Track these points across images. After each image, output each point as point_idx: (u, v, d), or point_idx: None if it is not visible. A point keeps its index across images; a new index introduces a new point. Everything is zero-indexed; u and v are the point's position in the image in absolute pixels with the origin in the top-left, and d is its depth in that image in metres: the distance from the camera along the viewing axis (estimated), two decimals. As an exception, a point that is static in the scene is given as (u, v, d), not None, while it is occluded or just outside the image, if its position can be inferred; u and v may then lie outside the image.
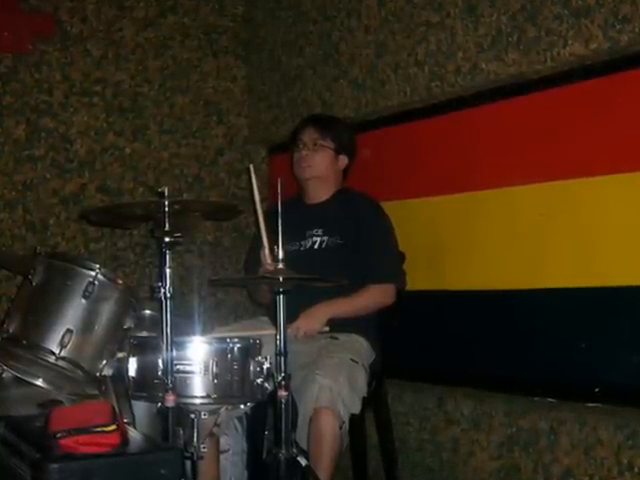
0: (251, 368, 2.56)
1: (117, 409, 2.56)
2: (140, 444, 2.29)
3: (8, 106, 3.88)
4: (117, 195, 4.08)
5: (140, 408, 2.90)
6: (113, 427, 2.17)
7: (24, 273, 2.98)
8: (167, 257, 2.51)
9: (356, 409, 2.92)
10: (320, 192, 3.36)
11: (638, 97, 2.81)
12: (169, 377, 2.43)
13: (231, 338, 2.62)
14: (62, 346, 2.76)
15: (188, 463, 2.47)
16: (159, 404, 2.48)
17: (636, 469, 2.77)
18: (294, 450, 2.59)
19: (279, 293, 2.60)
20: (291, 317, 2.81)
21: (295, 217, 3.02)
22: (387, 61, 3.60)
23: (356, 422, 2.97)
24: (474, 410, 3.29)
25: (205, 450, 2.54)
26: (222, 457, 3.09)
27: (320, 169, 3.32)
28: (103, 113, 4.07)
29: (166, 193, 2.51)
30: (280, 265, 2.59)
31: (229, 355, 2.54)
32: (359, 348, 3.12)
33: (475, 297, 3.34)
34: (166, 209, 2.50)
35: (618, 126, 2.87)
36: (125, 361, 2.62)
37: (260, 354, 2.60)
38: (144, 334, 3.00)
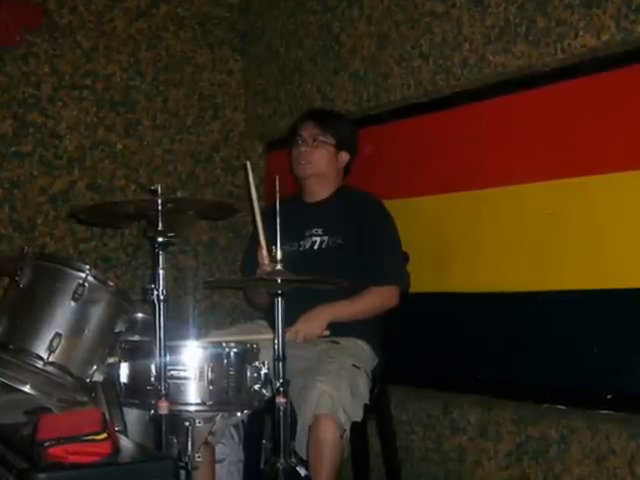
0: (248, 374, 2.56)
1: (108, 416, 2.56)
2: (132, 453, 2.28)
3: (-6, 100, 3.89)
4: (108, 193, 4.08)
5: (132, 415, 2.90)
6: (104, 435, 2.16)
7: (11, 274, 2.98)
8: (160, 258, 2.51)
9: (358, 417, 2.92)
10: (320, 190, 3.36)
11: (652, 90, 2.82)
12: (162, 383, 2.43)
13: (227, 342, 2.62)
14: (51, 351, 2.76)
15: (182, 473, 2.47)
16: (152, 411, 2.48)
17: (650, 479, 2.78)
18: (293, 459, 2.59)
19: (277, 295, 2.60)
20: (290, 320, 2.81)
21: (294, 216, 3.03)
22: (390, 53, 3.60)
23: (358, 430, 2.97)
24: (481, 418, 3.29)
25: (200, 459, 2.54)
26: (218, 467, 3.09)
27: (320, 166, 3.32)
28: (93, 107, 4.07)
29: (159, 191, 2.51)
30: (278, 266, 2.59)
31: (225, 360, 2.54)
32: (361, 353, 3.12)
33: (482, 299, 3.34)
34: (159, 208, 2.50)
35: (631, 121, 2.87)
36: (116, 366, 2.62)
37: (257, 359, 2.61)
38: (136, 338, 3.00)
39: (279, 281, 2.58)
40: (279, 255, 2.59)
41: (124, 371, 2.58)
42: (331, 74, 3.90)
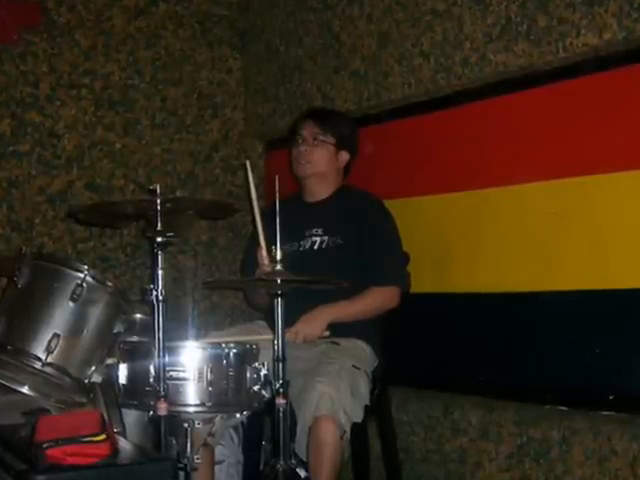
0: (247, 375, 2.56)
1: (106, 418, 2.56)
2: (131, 455, 2.29)
3: (-8, 99, 3.89)
4: (106, 193, 4.08)
5: (131, 417, 2.91)
6: (102, 437, 2.16)
7: (9, 275, 2.98)
8: (159, 258, 2.51)
9: (358, 418, 2.92)
10: (320, 190, 3.36)
11: (655, 90, 2.82)
12: (161, 384, 2.43)
13: (227, 343, 2.62)
14: (49, 352, 2.76)
15: (181, 474, 2.47)
16: (151, 412, 2.48)
17: (652, 481, 2.78)
18: (293, 461, 2.59)
19: (277, 296, 2.60)
20: (290, 321, 2.81)
21: (294, 216, 3.03)
22: (390, 52, 3.60)
23: (358, 431, 2.96)
24: (482, 419, 3.29)
25: (199, 461, 2.54)
26: (217, 468, 3.09)
27: (320, 165, 3.32)
28: (92, 106, 4.07)
29: (158, 191, 2.51)
30: (278, 266, 2.59)
31: (224, 361, 2.54)
32: (361, 353, 3.12)
33: (483, 300, 3.34)
34: (158, 207, 2.50)
35: (633, 120, 2.87)
36: (115, 367, 2.62)
37: (257, 360, 2.61)
38: (135, 339, 3.00)
39: (279, 281, 2.57)
40: (279, 255, 2.59)
41: (123, 372, 2.58)
42: (331, 73, 3.90)
